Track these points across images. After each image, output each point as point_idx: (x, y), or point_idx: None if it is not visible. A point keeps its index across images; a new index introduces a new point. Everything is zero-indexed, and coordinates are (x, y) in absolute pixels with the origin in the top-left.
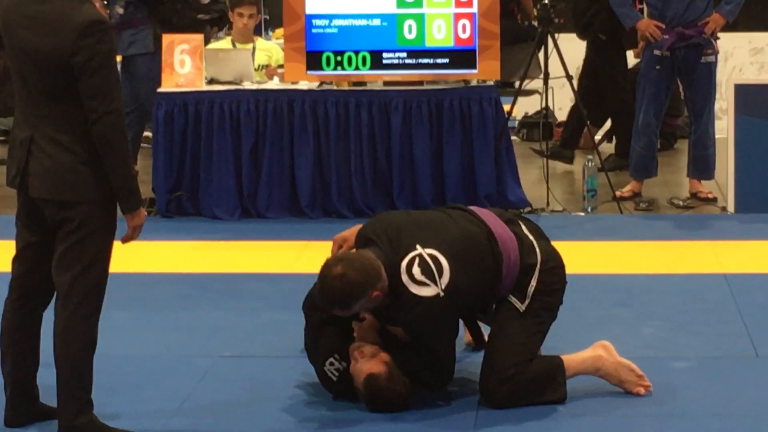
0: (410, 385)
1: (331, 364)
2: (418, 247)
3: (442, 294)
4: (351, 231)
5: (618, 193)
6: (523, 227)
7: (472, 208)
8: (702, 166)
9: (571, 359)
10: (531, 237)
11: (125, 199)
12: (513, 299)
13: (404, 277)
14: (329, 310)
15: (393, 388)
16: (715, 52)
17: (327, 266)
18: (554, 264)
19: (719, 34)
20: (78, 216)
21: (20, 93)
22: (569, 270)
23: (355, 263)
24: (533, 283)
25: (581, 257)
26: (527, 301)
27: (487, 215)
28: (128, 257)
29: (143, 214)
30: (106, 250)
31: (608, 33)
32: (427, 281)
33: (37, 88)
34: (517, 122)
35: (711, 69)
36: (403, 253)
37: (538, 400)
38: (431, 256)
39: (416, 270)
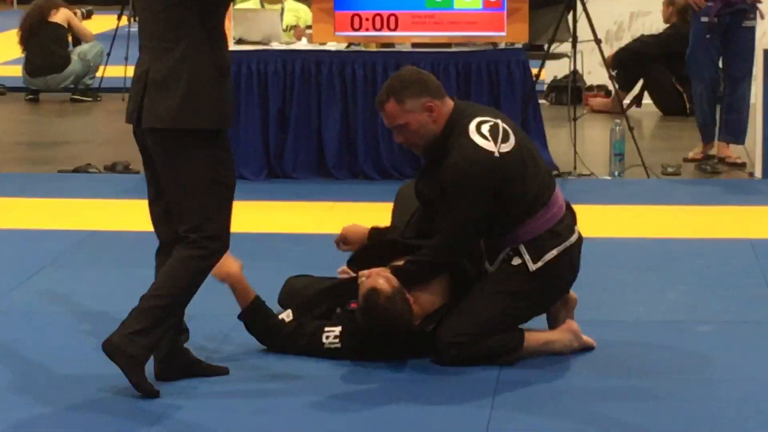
0: (409, 313)
1: (327, 337)
2: (497, 120)
3: (497, 155)
4: None
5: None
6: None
7: None
8: (735, 129)
9: (534, 339)
10: (576, 231)
11: None
12: (525, 253)
13: (471, 126)
14: (387, 97)
15: (390, 308)
16: (758, 17)
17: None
18: (574, 269)
19: None
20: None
21: (142, 25)
22: (596, 234)
23: (429, 74)
24: (554, 252)
25: (607, 221)
26: (540, 264)
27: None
28: None
29: None
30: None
31: None
32: (490, 139)
33: (155, 12)
34: (546, 86)
35: (751, 34)
36: (481, 114)
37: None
38: (505, 129)
39: (485, 127)
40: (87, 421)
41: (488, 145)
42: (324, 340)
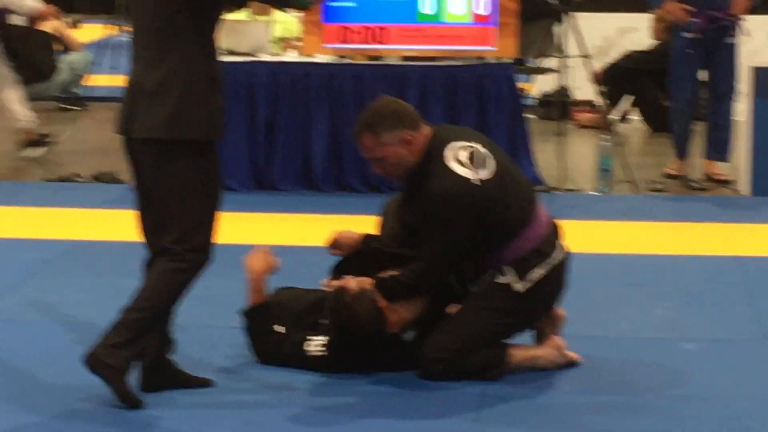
0: (376, 315)
1: (312, 346)
2: (476, 144)
3: (476, 182)
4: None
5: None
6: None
7: None
8: (720, 147)
9: (518, 354)
10: (562, 247)
11: None
12: (510, 273)
13: (448, 153)
14: (362, 131)
15: (355, 306)
16: (741, 33)
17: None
18: (561, 285)
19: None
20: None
21: (135, 36)
22: (582, 249)
23: (405, 105)
24: (540, 272)
25: (594, 237)
26: (527, 285)
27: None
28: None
29: None
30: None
31: None
32: (468, 166)
33: (149, 22)
34: (534, 100)
35: (734, 50)
36: (458, 139)
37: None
38: (484, 153)
39: (463, 153)
40: (70, 431)
41: (466, 172)
42: (309, 348)
